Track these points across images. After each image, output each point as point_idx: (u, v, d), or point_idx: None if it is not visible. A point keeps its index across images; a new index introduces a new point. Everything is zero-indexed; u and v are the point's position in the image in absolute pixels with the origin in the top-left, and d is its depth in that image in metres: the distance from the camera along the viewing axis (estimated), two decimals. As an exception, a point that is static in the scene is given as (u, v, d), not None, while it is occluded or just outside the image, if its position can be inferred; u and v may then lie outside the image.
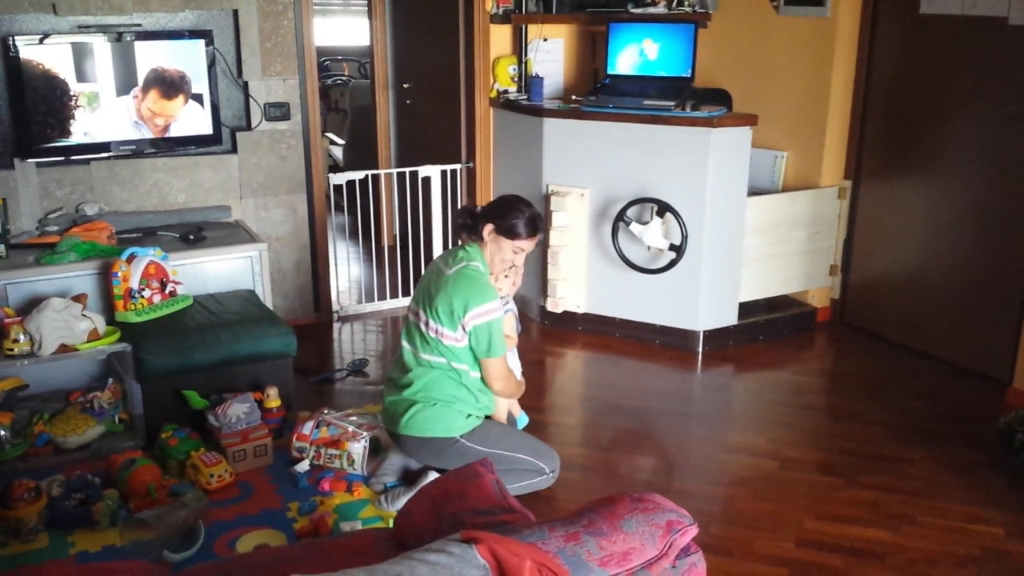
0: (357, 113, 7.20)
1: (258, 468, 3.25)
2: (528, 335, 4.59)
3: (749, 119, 4.28)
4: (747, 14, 4.80)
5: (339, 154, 7.74)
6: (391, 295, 5.07)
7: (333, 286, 4.83)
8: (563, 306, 4.61)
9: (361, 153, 6.79)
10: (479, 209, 3.17)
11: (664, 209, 4.23)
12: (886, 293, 4.56)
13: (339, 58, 9.22)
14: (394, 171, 5.25)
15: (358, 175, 4.89)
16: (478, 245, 3.12)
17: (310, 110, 4.53)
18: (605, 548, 1.46)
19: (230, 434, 3.24)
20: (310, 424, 3.29)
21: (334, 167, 7.50)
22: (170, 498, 2.93)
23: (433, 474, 3.04)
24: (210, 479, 3.06)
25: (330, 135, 8.09)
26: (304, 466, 3.21)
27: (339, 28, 9.74)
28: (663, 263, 4.30)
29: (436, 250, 4.98)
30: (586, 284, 4.61)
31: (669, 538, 1.52)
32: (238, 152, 4.39)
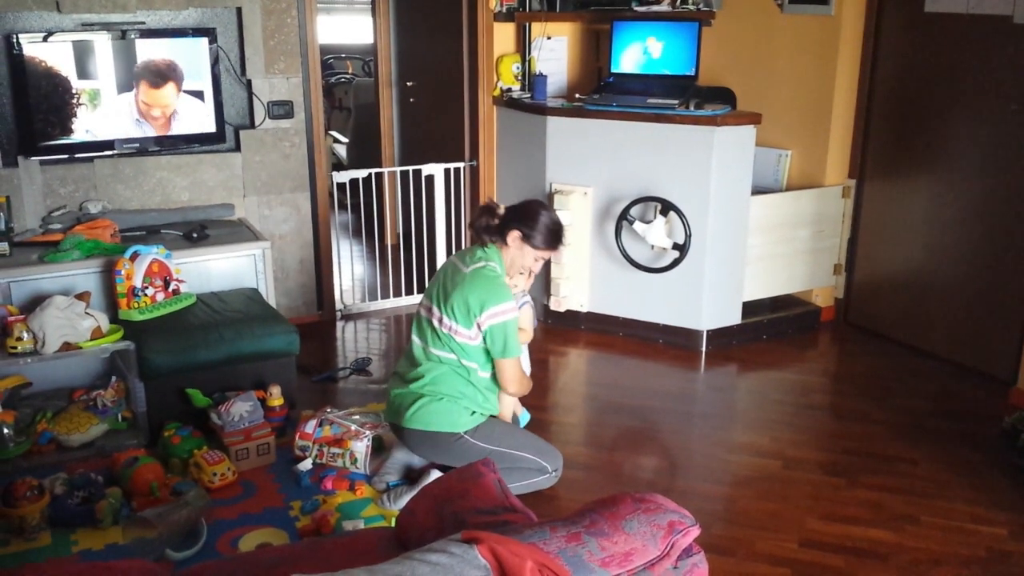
0: (361, 111, 7.21)
1: (261, 467, 3.25)
2: (531, 334, 4.59)
3: (753, 118, 4.27)
4: (751, 12, 4.80)
5: (343, 152, 7.74)
6: (394, 293, 5.07)
7: (336, 284, 4.83)
8: (566, 305, 4.61)
9: (365, 151, 6.80)
10: (502, 209, 3.16)
11: (668, 208, 4.22)
12: (890, 292, 4.55)
13: (343, 56, 9.21)
14: (397, 169, 5.25)
15: (362, 173, 4.89)
16: (497, 246, 3.12)
17: (314, 108, 4.53)
18: (607, 549, 1.46)
19: (233, 432, 3.24)
20: (313, 423, 3.29)
21: (338, 165, 7.50)
22: (173, 496, 2.93)
23: (435, 473, 3.04)
24: (213, 477, 3.06)
25: (334, 133, 8.08)
26: (307, 465, 3.22)
27: (343, 26, 9.73)
28: (667, 262, 4.30)
29: (440, 248, 4.98)
30: (589, 283, 4.60)
31: (671, 539, 1.52)
32: (242, 150, 4.39)
